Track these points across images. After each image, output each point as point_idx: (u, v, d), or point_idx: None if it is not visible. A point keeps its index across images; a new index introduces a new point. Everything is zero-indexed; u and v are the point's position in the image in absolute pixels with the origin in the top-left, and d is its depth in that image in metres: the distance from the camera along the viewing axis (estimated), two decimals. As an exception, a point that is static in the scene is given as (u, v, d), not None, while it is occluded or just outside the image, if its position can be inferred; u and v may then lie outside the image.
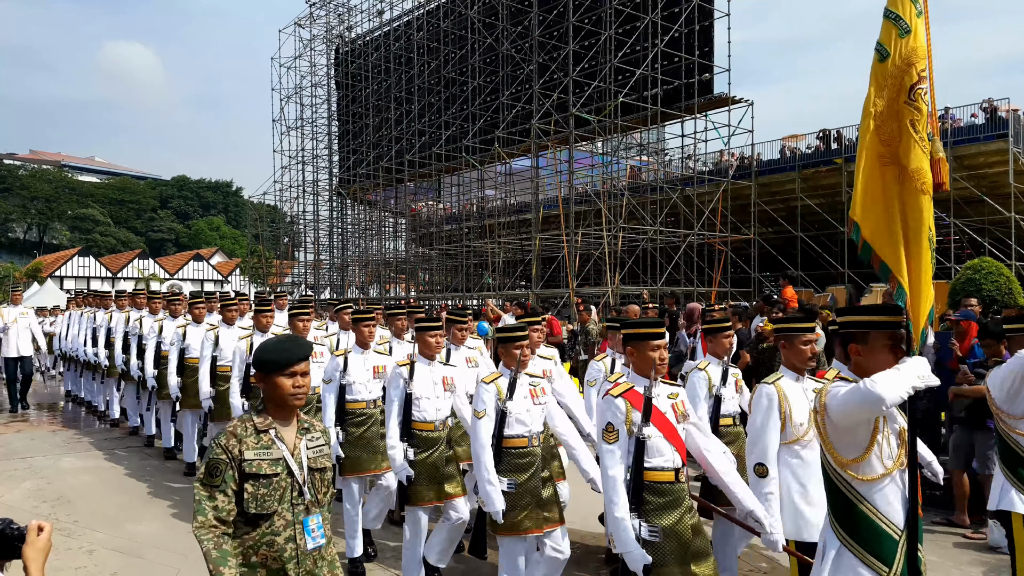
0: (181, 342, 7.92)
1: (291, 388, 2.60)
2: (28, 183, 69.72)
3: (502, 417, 4.06)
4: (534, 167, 24.19)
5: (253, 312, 7.35)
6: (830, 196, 23.40)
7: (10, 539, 1.92)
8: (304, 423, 2.74)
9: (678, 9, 22.32)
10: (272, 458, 2.57)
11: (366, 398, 5.41)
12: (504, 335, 4.29)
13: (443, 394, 4.85)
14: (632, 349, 3.55)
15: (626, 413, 3.33)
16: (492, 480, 3.95)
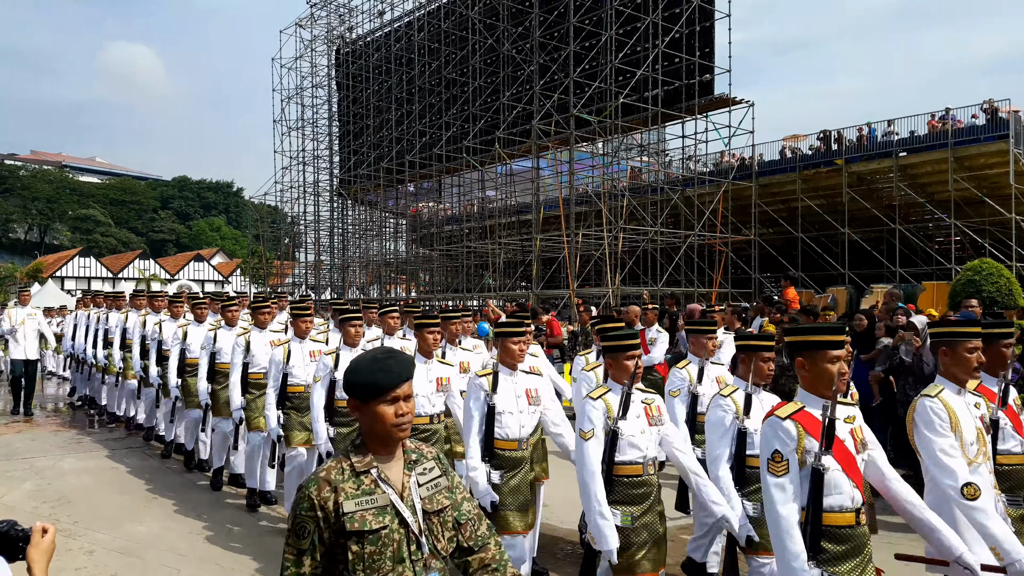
0: (212, 345, 7.36)
1: (394, 418, 2.11)
2: (29, 183, 69.77)
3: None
4: (535, 168, 24.20)
5: (250, 310, 7.44)
6: (831, 197, 23.41)
7: (14, 540, 1.92)
8: (411, 452, 2.23)
9: (679, 10, 22.33)
10: (377, 506, 2.08)
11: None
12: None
13: (436, 393, 4.96)
14: (610, 360, 3.66)
15: (798, 439, 2.69)
16: (604, 513, 3.40)
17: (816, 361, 2.78)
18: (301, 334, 6.30)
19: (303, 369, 6.15)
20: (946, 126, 21.20)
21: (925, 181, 22.37)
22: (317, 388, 5.53)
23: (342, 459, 2.14)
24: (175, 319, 8.73)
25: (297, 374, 6.15)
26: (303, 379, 6.13)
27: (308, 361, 6.15)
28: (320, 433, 5.46)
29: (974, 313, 8.54)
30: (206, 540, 5.84)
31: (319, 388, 5.53)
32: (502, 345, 4.36)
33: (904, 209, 22.64)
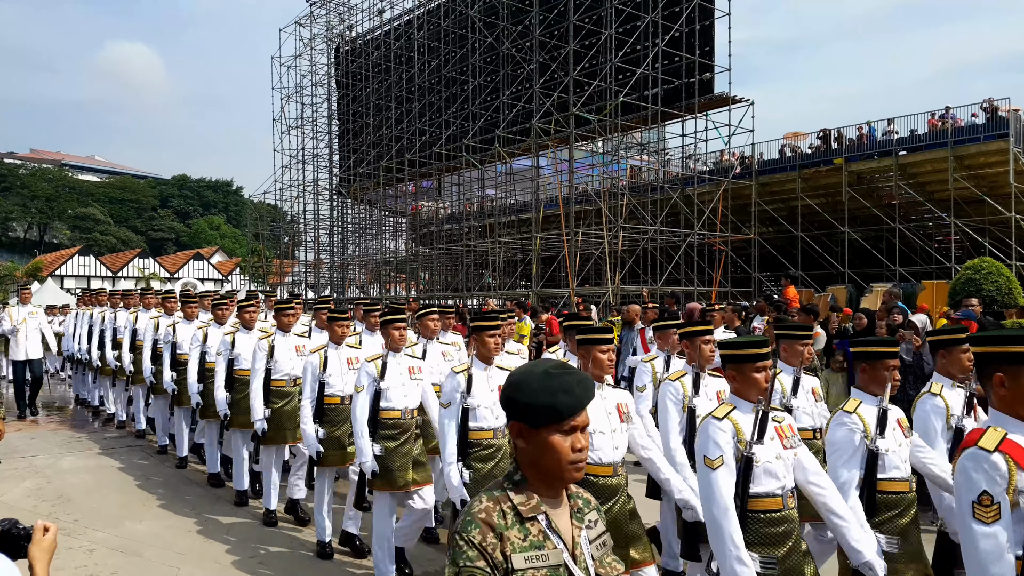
0: (230, 351, 6.87)
1: (571, 453, 1.69)
2: (29, 182, 69.71)
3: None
4: (534, 166, 24.18)
5: (236, 309, 7.44)
6: (830, 196, 23.42)
7: (16, 539, 1.93)
8: (576, 497, 1.82)
9: (679, 8, 22.31)
10: (550, 565, 1.65)
11: (342, 393, 5.64)
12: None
13: (410, 382, 5.09)
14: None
15: None
16: (743, 558, 2.85)
17: (743, 371, 3.09)
18: (337, 339, 5.78)
19: (340, 378, 5.65)
20: (946, 125, 21.20)
21: (925, 180, 22.37)
22: (360, 399, 4.96)
23: (500, 498, 1.70)
24: (189, 320, 8.25)
25: (334, 383, 5.64)
26: (339, 389, 5.64)
27: (346, 369, 5.68)
28: (365, 451, 4.88)
29: (974, 312, 8.55)
30: (205, 538, 5.84)
31: (363, 399, 4.96)
32: (478, 339, 4.42)
33: (904, 208, 22.64)
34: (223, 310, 7.57)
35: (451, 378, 4.29)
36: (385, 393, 4.95)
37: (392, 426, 4.96)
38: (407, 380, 5.07)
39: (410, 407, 5.05)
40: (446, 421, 4.24)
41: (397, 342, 5.08)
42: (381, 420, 4.95)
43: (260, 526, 6.21)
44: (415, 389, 5.10)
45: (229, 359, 6.82)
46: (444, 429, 4.25)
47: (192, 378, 7.28)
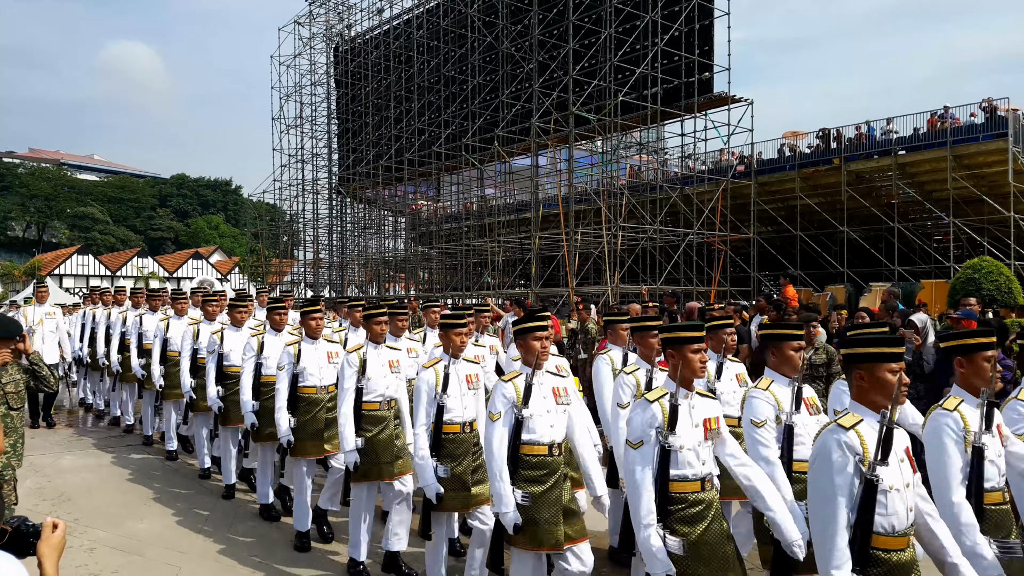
0: (294, 364, 6.21)
1: None
2: (27, 181, 69.63)
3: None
4: (534, 166, 24.18)
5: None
6: (830, 195, 23.45)
7: (25, 536, 1.95)
8: None
9: (678, 8, 22.32)
10: None
11: (318, 384, 5.76)
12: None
13: (391, 375, 5.22)
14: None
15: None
16: (653, 532, 3.07)
17: (682, 352, 3.31)
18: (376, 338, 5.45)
19: (380, 381, 5.24)
20: (945, 125, 21.22)
21: (924, 180, 22.40)
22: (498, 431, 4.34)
23: None
24: (210, 320, 7.74)
25: (374, 387, 5.22)
26: (379, 393, 5.22)
27: (388, 371, 5.29)
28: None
29: (974, 311, 8.55)
30: (206, 537, 5.85)
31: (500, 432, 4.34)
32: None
33: (903, 207, 22.66)
34: (280, 315, 6.58)
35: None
36: (527, 424, 3.91)
37: (538, 465, 3.90)
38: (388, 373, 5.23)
39: (556, 440, 3.95)
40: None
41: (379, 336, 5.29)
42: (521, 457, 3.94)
43: (262, 525, 6.21)
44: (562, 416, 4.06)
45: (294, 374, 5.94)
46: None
47: (247, 395, 6.29)
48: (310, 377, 5.77)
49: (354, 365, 5.08)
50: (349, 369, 5.08)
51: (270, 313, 6.61)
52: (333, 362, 5.84)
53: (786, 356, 3.77)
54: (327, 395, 5.78)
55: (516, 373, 3.98)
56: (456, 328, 4.66)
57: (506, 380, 3.94)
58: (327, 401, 5.76)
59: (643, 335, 4.74)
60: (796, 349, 3.78)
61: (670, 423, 3.17)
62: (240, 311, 7.21)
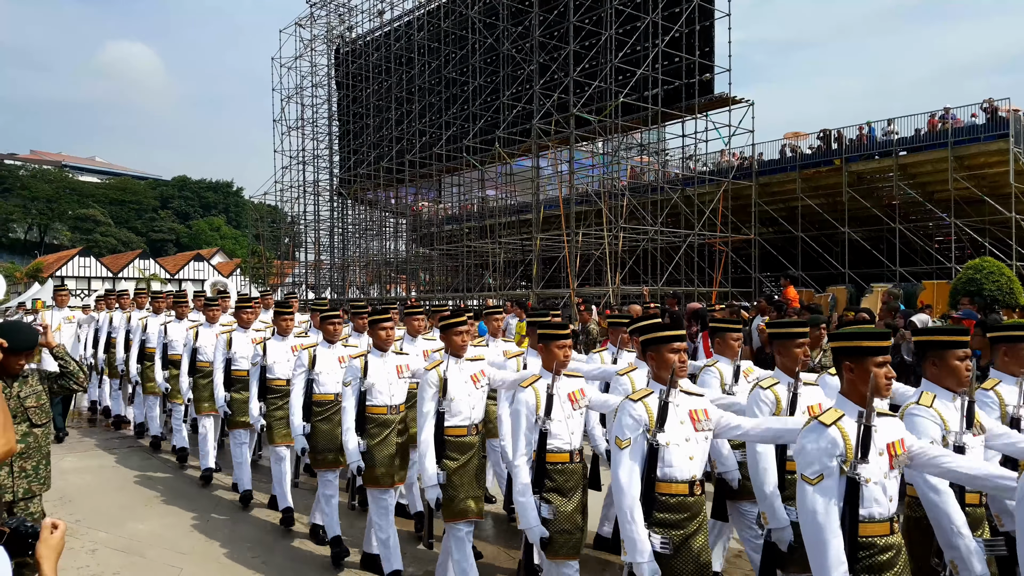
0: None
1: None
2: (29, 183, 69.73)
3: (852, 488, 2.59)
4: (535, 167, 24.20)
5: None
6: (830, 196, 23.43)
7: (24, 537, 1.95)
8: None
9: (679, 9, 22.33)
10: None
11: (388, 403, 5.09)
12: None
13: (397, 381, 5.07)
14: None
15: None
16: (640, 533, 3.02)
17: (660, 351, 3.28)
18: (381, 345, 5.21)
19: (386, 386, 5.10)
20: (946, 125, 21.22)
21: (925, 180, 22.38)
22: (348, 396, 4.88)
23: None
24: (245, 329, 7.15)
25: (378, 392, 5.08)
26: (386, 399, 5.09)
27: (394, 378, 5.16)
28: (351, 447, 4.85)
29: (974, 311, 8.55)
30: (207, 538, 5.85)
31: (350, 396, 4.87)
32: (546, 350, 4.14)
33: (904, 208, 22.65)
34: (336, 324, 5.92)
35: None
36: (371, 390, 4.99)
37: (379, 421, 5.02)
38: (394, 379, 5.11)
39: (396, 403, 5.06)
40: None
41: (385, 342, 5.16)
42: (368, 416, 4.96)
43: (263, 527, 6.21)
44: (401, 387, 5.13)
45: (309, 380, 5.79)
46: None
47: (298, 419, 5.56)
48: (379, 395, 5.05)
49: (434, 385, 4.38)
50: (430, 389, 4.38)
51: (325, 323, 5.94)
52: (403, 377, 5.18)
53: (793, 355, 3.75)
54: (398, 415, 5.08)
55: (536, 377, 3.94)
56: (559, 340, 3.99)
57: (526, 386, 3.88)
58: (398, 423, 5.09)
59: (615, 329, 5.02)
60: (799, 346, 3.77)
61: (659, 421, 3.12)
62: (286, 319, 6.54)
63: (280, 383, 6.34)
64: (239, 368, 6.91)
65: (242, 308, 7.17)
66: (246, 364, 6.75)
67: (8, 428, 2.81)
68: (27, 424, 3.78)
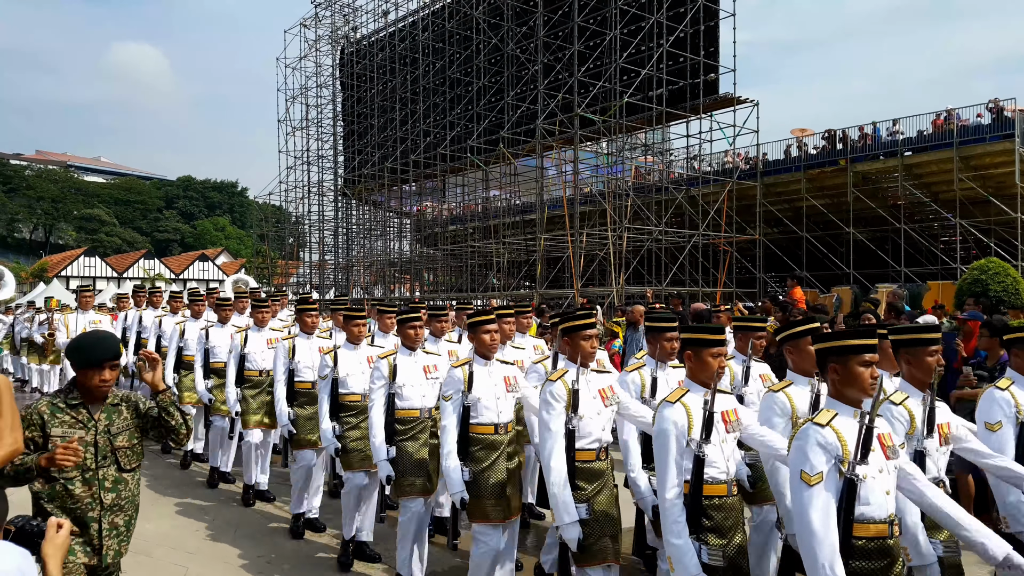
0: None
1: None
2: (34, 183, 69.96)
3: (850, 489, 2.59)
4: (539, 167, 24.19)
5: (251, 308, 7.33)
6: (836, 196, 23.39)
7: (30, 536, 1.96)
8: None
9: (683, 9, 22.29)
10: None
11: (421, 406, 4.86)
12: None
13: (426, 381, 4.89)
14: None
15: None
16: None
17: (700, 354, 3.24)
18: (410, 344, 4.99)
19: (413, 388, 4.91)
20: (951, 125, 21.17)
21: (930, 181, 22.33)
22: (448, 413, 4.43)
23: None
24: (309, 333, 6.34)
25: (408, 395, 4.87)
26: (416, 401, 4.89)
27: (423, 378, 4.95)
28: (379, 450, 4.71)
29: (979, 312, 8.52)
30: (213, 538, 5.86)
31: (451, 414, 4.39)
32: (476, 336, 4.36)
33: (909, 208, 22.60)
34: (418, 328, 5.27)
35: (452, 374, 4.30)
36: (400, 392, 4.85)
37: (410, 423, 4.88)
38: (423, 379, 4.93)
39: (428, 406, 4.90)
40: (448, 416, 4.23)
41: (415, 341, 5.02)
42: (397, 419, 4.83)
43: (269, 526, 6.22)
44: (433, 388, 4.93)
45: None
46: (445, 425, 4.22)
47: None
48: (409, 398, 4.84)
49: (459, 381, 4.23)
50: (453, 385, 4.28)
51: (347, 325, 5.68)
52: (432, 377, 4.95)
53: (807, 354, 3.65)
54: (430, 418, 4.87)
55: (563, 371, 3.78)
56: (584, 331, 3.79)
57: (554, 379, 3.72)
58: (433, 426, 4.85)
59: (657, 336, 4.59)
60: (716, 355, 3.48)
61: (573, 405, 3.57)
62: (358, 324, 5.84)
63: (355, 398, 5.41)
64: (303, 380, 6.13)
65: (305, 311, 6.34)
66: (311, 375, 6.07)
67: (16, 428, 2.79)
68: (115, 468, 3.02)
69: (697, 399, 3.15)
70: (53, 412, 2.97)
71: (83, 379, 2.98)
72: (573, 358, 3.76)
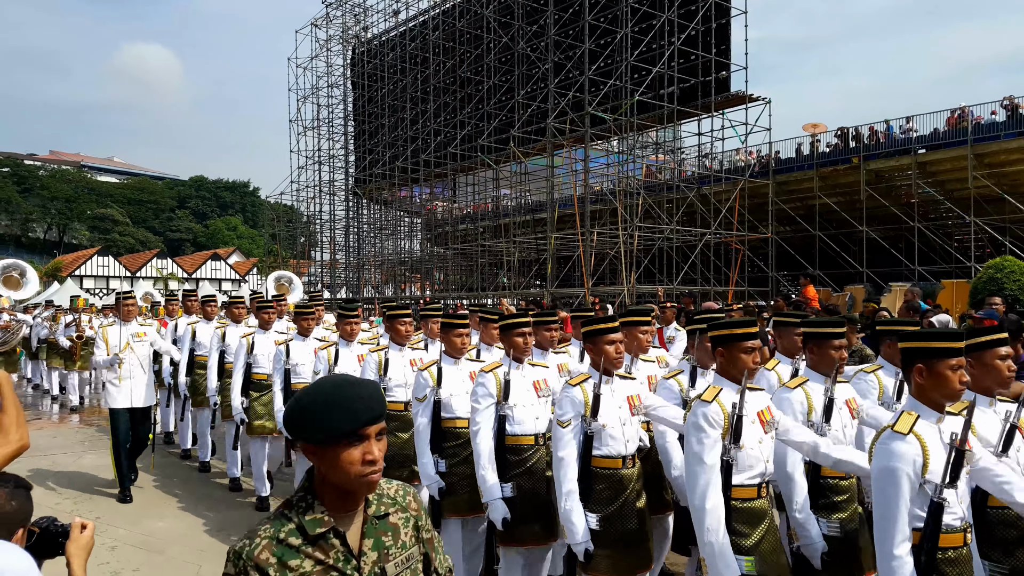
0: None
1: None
2: (48, 183, 70.45)
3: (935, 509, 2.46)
4: (549, 166, 24.15)
5: (337, 318, 6.64)
6: (848, 194, 23.26)
7: (54, 536, 1.97)
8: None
9: (695, 7, 22.21)
10: None
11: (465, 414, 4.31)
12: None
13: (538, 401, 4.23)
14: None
15: None
16: None
17: (731, 351, 3.11)
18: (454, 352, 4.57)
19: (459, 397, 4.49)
20: (965, 123, 20.99)
21: (944, 178, 22.16)
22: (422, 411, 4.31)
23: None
24: (349, 342, 5.97)
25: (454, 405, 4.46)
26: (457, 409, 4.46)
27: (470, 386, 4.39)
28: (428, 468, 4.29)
29: (997, 312, 8.44)
30: (226, 536, 5.88)
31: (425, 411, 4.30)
32: (510, 339, 4.06)
33: (923, 206, 22.43)
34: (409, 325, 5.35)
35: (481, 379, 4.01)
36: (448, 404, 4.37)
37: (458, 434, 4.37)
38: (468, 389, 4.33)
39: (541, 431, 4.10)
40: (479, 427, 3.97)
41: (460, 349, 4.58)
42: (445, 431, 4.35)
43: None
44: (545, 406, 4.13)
45: None
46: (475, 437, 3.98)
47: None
48: (457, 408, 4.38)
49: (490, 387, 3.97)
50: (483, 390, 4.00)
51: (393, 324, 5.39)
52: (544, 395, 4.50)
53: (827, 355, 3.52)
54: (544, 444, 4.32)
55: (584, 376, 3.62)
56: (608, 335, 3.59)
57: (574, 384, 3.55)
58: None
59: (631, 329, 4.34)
60: (837, 348, 3.53)
61: (593, 410, 3.41)
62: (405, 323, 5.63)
63: (461, 424, 4.45)
64: (396, 399, 5.43)
65: (346, 318, 5.92)
66: (403, 394, 5.33)
67: (22, 424, 2.74)
68: None
69: (733, 397, 3.01)
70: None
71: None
72: (596, 364, 3.56)
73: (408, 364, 5.17)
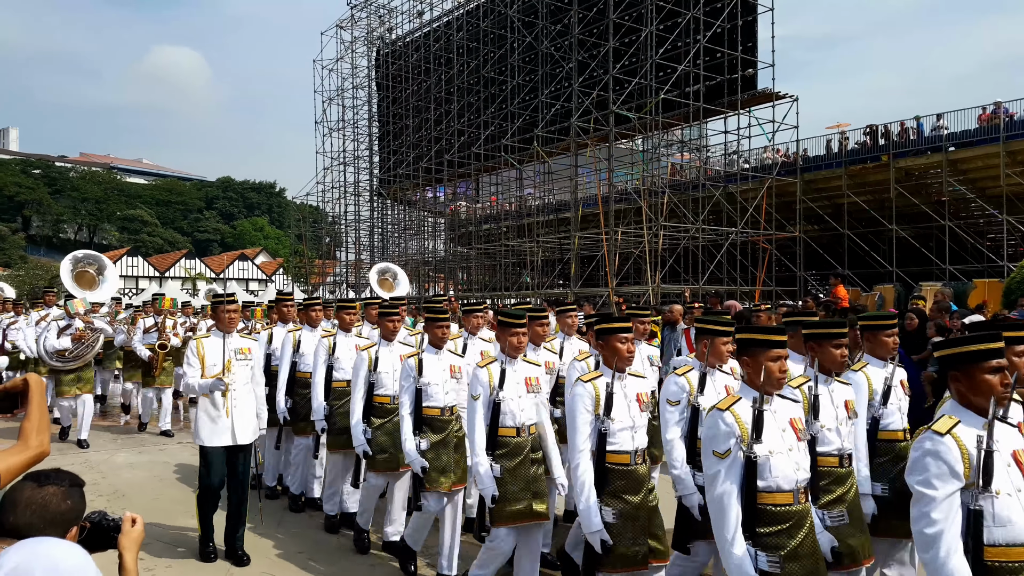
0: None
1: None
2: (79, 185, 71.64)
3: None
4: (573, 165, 24.10)
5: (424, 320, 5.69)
6: (878, 193, 22.96)
7: (107, 531, 2.09)
8: None
9: (720, 4, 22.05)
10: None
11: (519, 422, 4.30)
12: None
13: (450, 380, 4.91)
14: (601, 343, 3.75)
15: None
16: None
17: (757, 358, 2.95)
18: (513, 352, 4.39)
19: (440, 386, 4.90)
20: (997, 120, 20.62)
21: (976, 176, 21.80)
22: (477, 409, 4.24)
23: None
24: (438, 349, 5.03)
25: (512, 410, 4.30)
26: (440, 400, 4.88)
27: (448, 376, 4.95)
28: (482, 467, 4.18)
29: (1032, 311, 8.28)
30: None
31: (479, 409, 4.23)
32: (609, 345, 3.89)
33: (954, 205, 22.09)
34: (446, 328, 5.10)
35: (477, 373, 4.29)
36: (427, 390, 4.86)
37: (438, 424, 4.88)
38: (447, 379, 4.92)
39: (450, 404, 4.90)
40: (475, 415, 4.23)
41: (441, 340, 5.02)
42: None
43: (312, 524, 6.28)
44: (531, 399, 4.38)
45: None
46: (472, 423, 4.24)
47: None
48: (509, 415, 4.28)
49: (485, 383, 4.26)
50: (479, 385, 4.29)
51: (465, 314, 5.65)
52: (455, 376, 4.99)
53: (832, 356, 3.62)
54: (528, 437, 4.34)
55: (596, 374, 3.75)
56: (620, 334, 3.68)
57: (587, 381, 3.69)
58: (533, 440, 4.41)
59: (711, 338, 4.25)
60: (837, 347, 3.62)
61: (606, 408, 3.53)
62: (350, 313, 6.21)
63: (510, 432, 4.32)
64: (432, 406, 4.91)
65: (434, 323, 5.04)
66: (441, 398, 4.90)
67: (44, 430, 2.74)
68: None
69: (603, 382, 3.52)
70: None
71: None
72: (608, 362, 3.68)
73: (448, 368, 5.01)
